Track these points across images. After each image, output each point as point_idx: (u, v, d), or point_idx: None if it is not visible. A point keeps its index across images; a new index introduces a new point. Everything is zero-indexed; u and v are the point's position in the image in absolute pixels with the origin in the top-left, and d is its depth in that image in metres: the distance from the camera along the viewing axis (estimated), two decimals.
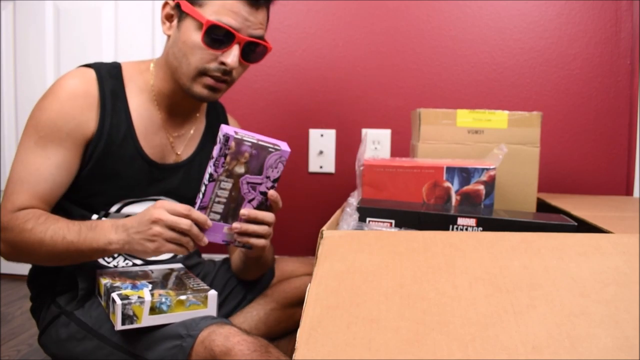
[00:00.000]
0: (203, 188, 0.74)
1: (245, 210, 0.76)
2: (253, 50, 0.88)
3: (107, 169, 0.87)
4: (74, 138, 0.83)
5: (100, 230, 0.77)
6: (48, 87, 0.86)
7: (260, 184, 0.76)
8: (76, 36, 1.58)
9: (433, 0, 1.43)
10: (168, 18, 0.89)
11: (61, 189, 0.84)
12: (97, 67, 0.88)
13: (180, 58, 0.85)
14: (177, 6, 0.86)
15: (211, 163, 0.73)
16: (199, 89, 0.86)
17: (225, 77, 0.86)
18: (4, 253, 0.81)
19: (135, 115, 0.89)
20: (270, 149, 0.74)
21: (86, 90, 0.85)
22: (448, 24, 1.43)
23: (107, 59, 1.59)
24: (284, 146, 0.75)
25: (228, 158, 0.72)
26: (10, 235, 0.79)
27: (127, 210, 0.91)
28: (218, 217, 0.76)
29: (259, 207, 0.77)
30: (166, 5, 0.88)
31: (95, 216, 0.90)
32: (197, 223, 0.74)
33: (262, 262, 0.97)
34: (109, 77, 0.88)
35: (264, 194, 0.77)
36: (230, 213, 0.76)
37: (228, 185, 0.74)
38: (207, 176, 0.73)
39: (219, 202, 0.75)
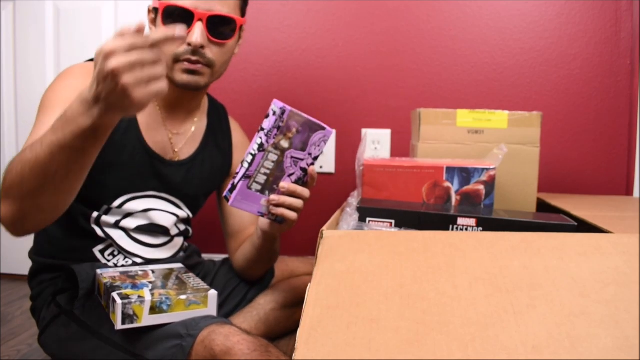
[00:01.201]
0: (249, 158, 0.76)
1: (285, 184, 0.79)
2: (220, 26, 0.87)
3: (109, 158, 0.87)
4: None
5: (69, 110, 0.62)
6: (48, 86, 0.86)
7: (302, 159, 0.79)
8: (76, 36, 1.58)
9: (433, 0, 1.43)
10: (152, 23, 0.92)
11: None
12: None
13: None
14: (154, 8, 0.90)
15: (262, 134, 0.75)
16: (179, 76, 0.87)
17: (197, 57, 0.85)
18: (5, 217, 0.70)
19: None
20: (316, 127, 0.77)
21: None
22: (448, 24, 1.43)
23: None
24: (327, 127, 0.79)
25: (280, 133, 0.75)
26: (3, 188, 0.69)
27: (128, 206, 0.91)
28: (259, 187, 0.78)
29: (296, 182, 0.80)
30: (149, 11, 0.92)
31: (96, 213, 0.90)
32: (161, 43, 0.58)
33: (273, 251, 0.97)
34: None
35: (304, 170, 0.80)
36: (268, 186, 0.78)
37: (274, 157, 0.76)
38: (255, 146, 0.75)
39: (263, 173, 0.77)
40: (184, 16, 0.83)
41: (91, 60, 0.91)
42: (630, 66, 1.37)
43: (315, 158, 0.80)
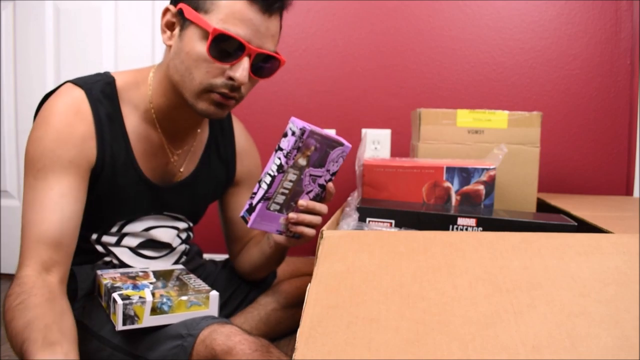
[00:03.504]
0: (268, 179, 0.73)
1: (304, 202, 0.77)
2: (264, 64, 0.79)
3: (109, 196, 0.84)
4: (78, 165, 0.77)
5: None
6: (46, 90, 0.85)
7: (321, 176, 0.77)
8: (76, 36, 1.58)
9: (433, 0, 1.43)
10: (169, 26, 0.80)
11: (72, 220, 0.76)
12: (88, 88, 0.80)
13: (183, 72, 0.77)
14: (180, 13, 0.76)
15: (281, 155, 0.72)
16: (204, 106, 0.78)
17: (234, 93, 0.78)
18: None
19: (133, 138, 0.84)
20: (334, 144, 0.75)
21: (81, 117, 0.78)
22: (448, 24, 1.43)
23: (107, 59, 1.60)
24: (345, 142, 0.77)
25: (299, 153, 0.72)
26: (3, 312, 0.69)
27: (127, 228, 0.90)
28: (278, 207, 0.76)
29: (314, 199, 0.79)
30: (167, 12, 0.79)
31: (95, 235, 0.88)
32: None
33: (282, 258, 0.96)
34: (103, 97, 0.81)
35: (322, 186, 0.78)
36: (286, 204, 0.77)
37: (294, 177, 0.74)
38: (273, 167, 0.72)
39: (282, 194, 0.75)
40: (234, 48, 0.74)
41: (74, 83, 0.81)
42: (630, 66, 1.37)
43: (333, 174, 0.78)
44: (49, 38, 1.59)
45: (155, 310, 0.77)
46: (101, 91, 0.81)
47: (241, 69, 0.74)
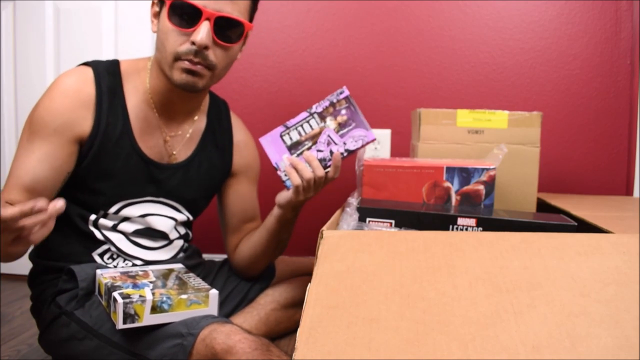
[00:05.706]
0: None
1: (308, 152, 0.86)
2: (227, 28, 0.83)
3: (104, 167, 0.87)
4: (62, 135, 0.83)
5: None
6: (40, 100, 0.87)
7: (336, 144, 0.86)
8: (76, 36, 1.58)
9: (433, 0, 1.43)
10: (155, 16, 0.88)
11: (45, 183, 0.83)
12: (95, 65, 0.88)
13: (160, 48, 0.85)
14: (160, 1, 0.86)
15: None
16: (177, 75, 0.83)
17: (199, 58, 0.82)
18: None
19: (132, 115, 0.89)
20: (361, 125, 0.86)
21: (80, 88, 0.85)
22: (448, 24, 1.43)
23: (107, 58, 1.60)
24: (371, 131, 0.87)
25: (330, 108, 0.84)
26: None
27: (125, 211, 0.91)
28: (289, 143, 0.86)
29: (320, 161, 0.87)
30: (153, 4, 0.88)
31: (93, 216, 0.90)
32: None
33: (282, 240, 1.00)
34: (107, 73, 0.88)
35: (332, 154, 0.87)
36: (296, 147, 0.86)
37: (315, 125, 0.86)
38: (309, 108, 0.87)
39: (298, 132, 0.86)
40: (191, 13, 0.80)
41: (85, 63, 0.89)
42: (630, 66, 1.37)
43: (348, 151, 0.86)
44: (49, 38, 1.59)
45: (155, 309, 0.77)
46: (106, 68, 0.89)
47: (200, 33, 0.80)
